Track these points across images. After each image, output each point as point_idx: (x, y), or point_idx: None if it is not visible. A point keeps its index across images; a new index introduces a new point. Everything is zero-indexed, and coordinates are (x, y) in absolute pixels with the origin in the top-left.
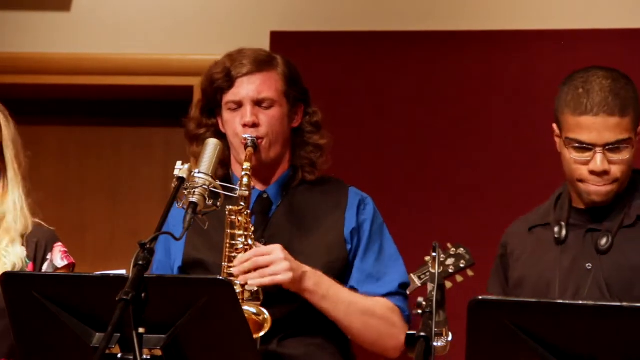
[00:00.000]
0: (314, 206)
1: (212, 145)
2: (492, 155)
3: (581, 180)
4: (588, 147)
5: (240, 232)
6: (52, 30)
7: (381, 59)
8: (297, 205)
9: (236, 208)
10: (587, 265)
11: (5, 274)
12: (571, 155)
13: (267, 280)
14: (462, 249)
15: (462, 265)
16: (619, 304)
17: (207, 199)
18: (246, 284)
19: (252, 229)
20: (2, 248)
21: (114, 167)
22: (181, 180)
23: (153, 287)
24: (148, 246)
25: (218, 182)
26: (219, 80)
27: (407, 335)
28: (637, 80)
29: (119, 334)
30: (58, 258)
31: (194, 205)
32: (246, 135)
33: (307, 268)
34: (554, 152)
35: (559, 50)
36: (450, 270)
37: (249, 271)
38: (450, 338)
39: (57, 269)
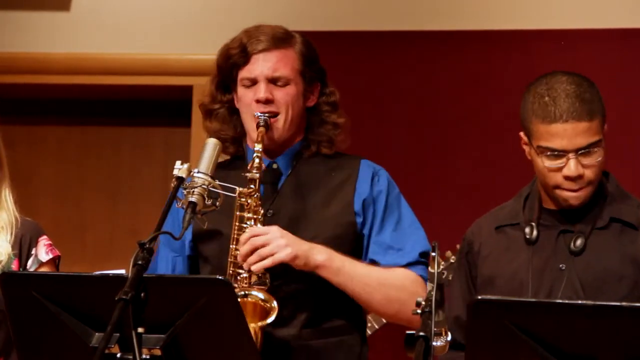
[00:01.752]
0: (323, 178)
1: (211, 145)
2: (492, 155)
3: (557, 187)
4: (560, 153)
5: (250, 215)
6: (52, 30)
7: (381, 59)
8: (306, 177)
9: (246, 190)
10: (560, 266)
11: (5, 273)
12: (545, 164)
13: (268, 262)
14: None
15: None
16: (618, 304)
17: (206, 198)
18: (250, 271)
19: (262, 211)
20: None
21: (114, 167)
22: (180, 179)
23: (152, 286)
24: (147, 246)
25: (217, 182)
26: (234, 56)
27: (407, 335)
28: (637, 80)
29: (118, 334)
30: (42, 252)
31: (193, 205)
32: (258, 114)
33: (313, 244)
34: None
35: (559, 50)
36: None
37: (249, 254)
38: (449, 337)
39: (41, 263)
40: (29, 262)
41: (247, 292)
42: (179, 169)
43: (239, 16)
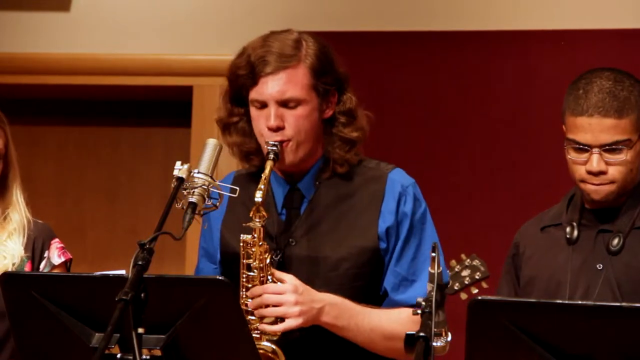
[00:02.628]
0: (347, 202)
1: (212, 145)
2: (492, 155)
3: (582, 180)
4: (585, 147)
5: (256, 264)
6: (51, 30)
7: (381, 59)
8: (329, 201)
9: (250, 239)
10: (597, 265)
11: (5, 274)
12: (570, 156)
13: (278, 329)
14: (477, 261)
15: (477, 277)
16: (618, 304)
17: (207, 199)
18: (262, 317)
19: (268, 258)
20: (1, 242)
21: (114, 167)
22: (180, 180)
23: (152, 287)
24: (147, 246)
25: (218, 182)
26: (242, 77)
27: (407, 336)
28: None
29: (118, 334)
30: (55, 255)
31: (193, 205)
32: (269, 144)
33: (323, 302)
34: (553, 151)
35: (559, 50)
36: (466, 282)
37: (260, 306)
38: (449, 338)
39: (54, 266)
40: (42, 265)
41: (257, 343)
42: (179, 169)
43: (239, 16)
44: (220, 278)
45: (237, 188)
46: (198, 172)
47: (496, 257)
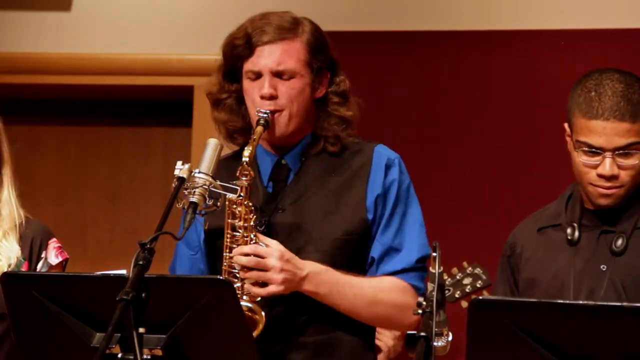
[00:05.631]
0: (334, 174)
1: (212, 145)
2: (492, 155)
3: (590, 184)
4: (597, 151)
5: (241, 223)
6: (52, 30)
7: (381, 58)
8: (316, 173)
9: (235, 198)
10: (601, 266)
11: (5, 274)
12: (580, 159)
13: (261, 292)
14: (478, 269)
15: (478, 286)
16: (619, 304)
17: (207, 198)
18: (245, 278)
19: (253, 218)
20: None
21: (114, 167)
22: (181, 180)
23: (153, 287)
24: (148, 246)
25: (218, 182)
26: (238, 48)
27: (407, 335)
28: None
29: (119, 334)
30: (52, 255)
31: (194, 205)
32: (260, 112)
33: (306, 270)
34: (554, 151)
35: (559, 50)
36: (467, 290)
37: (246, 266)
38: (450, 338)
39: (51, 266)
40: (39, 265)
41: None
42: (180, 169)
43: (240, 16)
44: (220, 278)
45: (238, 188)
46: (199, 172)
47: (496, 259)
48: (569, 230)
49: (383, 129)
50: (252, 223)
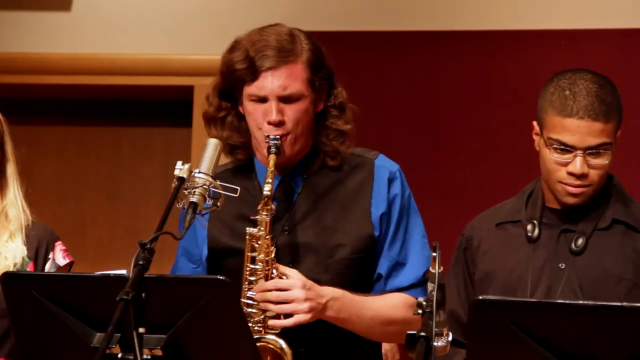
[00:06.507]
0: (338, 190)
1: (212, 145)
2: (492, 155)
3: (559, 182)
4: (569, 149)
5: (261, 257)
6: (52, 30)
7: (381, 59)
8: (320, 191)
9: (256, 233)
10: (560, 265)
11: (5, 274)
12: (551, 156)
13: (288, 324)
14: None
15: None
16: (619, 304)
17: (207, 199)
18: (267, 310)
19: (274, 252)
20: (2, 243)
21: (114, 167)
22: (181, 180)
23: (153, 287)
24: (148, 246)
25: (218, 182)
26: (240, 71)
27: (407, 335)
28: (637, 81)
29: (119, 334)
30: (60, 257)
31: (194, 205)
32: (270, 138)
33: (327, 296)
34: None
35: (559, 50)
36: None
37: (268, 300)
38: (450, 338)
39: (59, 267)
40: (47, 266)
41: (261, 336)
42: (180, 169)
43: (240, 16)
44: (221, 278)
45: (238, 188)
46: (199, 172)
47: None
48: (529, 227)
49: (383, 129)
50: (272, 256)
